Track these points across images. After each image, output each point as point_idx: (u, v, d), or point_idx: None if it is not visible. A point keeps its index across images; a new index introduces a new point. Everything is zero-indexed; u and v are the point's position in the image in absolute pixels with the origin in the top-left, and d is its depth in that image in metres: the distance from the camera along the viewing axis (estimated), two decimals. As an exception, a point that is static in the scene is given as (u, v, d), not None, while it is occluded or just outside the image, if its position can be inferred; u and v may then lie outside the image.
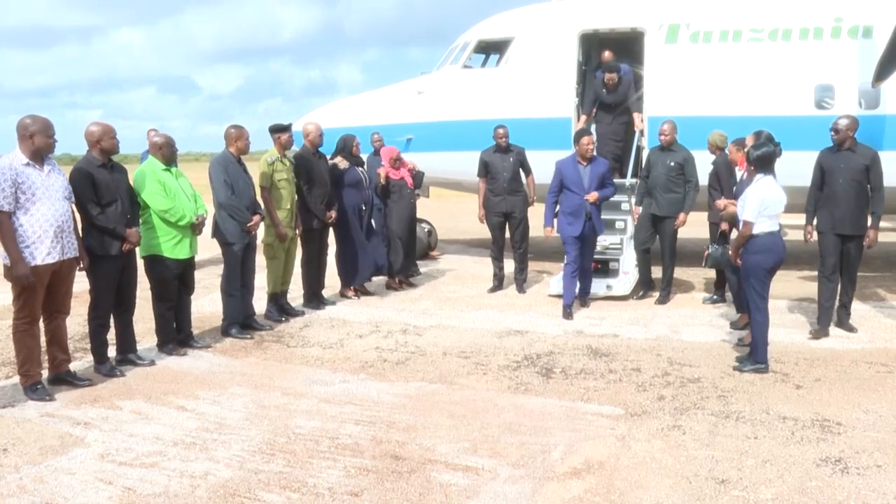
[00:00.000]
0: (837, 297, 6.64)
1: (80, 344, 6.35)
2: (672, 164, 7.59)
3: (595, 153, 7.60)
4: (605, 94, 9.21)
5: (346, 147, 8.13)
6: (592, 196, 7.39)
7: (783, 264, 5.58)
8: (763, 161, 5.43)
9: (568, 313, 7.38)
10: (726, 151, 7.22)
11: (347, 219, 8.01)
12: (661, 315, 7.43)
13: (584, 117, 9.27)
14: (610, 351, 6.21)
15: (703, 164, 7.61)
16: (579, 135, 7.64)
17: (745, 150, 5.84)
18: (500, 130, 8.43)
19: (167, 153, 6.06)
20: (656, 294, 8.02)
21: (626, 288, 8.17)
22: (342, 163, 8.03)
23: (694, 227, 8.70)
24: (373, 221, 8.32)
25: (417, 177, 9.00)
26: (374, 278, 8.57)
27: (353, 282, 8.32)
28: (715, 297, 7.92)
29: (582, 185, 7.41)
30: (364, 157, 8.62)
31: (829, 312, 6.57)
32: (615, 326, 7.02)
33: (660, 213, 7.69)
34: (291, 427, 4.59)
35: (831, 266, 6.50)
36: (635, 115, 9.24)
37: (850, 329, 6.61)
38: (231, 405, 5.00)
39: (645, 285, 8.16)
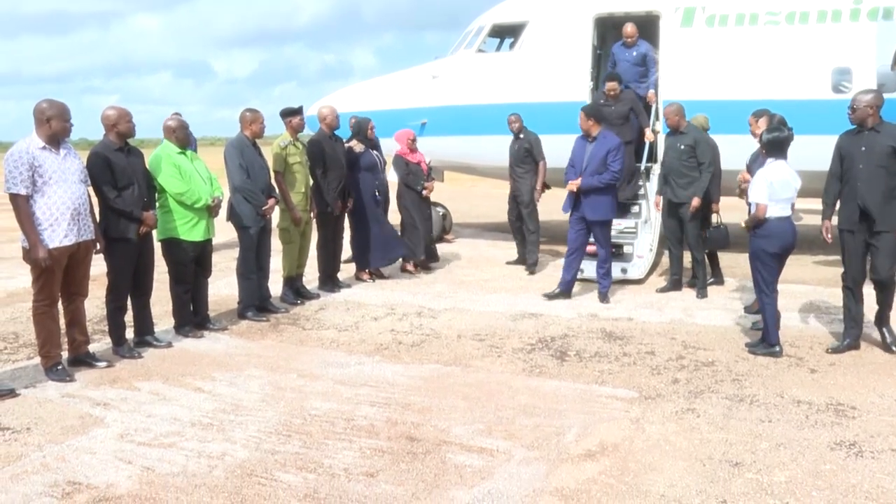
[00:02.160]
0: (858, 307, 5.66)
1: (98, 326, 6.38)
2: (682, 147, 7.38)
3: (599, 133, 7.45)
4: (602, 104, 8.44)
5: (361, 130, 8.13)
6: (573, 185, 7.11)
7: (797, 248, 5.52)
8: (774, 145, 5.36)
9: (553, 295, 7.27)
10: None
11: (363, 202, 8.01)
12: (675, 299, 7.40)
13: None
14: (624, 334, 6.19)
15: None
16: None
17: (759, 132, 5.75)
18: (511, 117, 8.72)
19: (181, 136, 6.06)
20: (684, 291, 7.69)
21: (641, 272, 8.13)
22: (357, 146, 8.02)
23: (726, 212, 8.36)
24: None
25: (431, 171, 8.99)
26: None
27: (369, 265, 8.32)
28: (712, 279, 7.84)
29: (581, 163, 7.19)
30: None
31: (858, 326, 5.64)
32: (629, 310, 6.99)
33: (676, 200, 7.44)
34: (307, 408, 4.60)
35: (855, 272, 5.51)
36: (647, 130, 8.75)
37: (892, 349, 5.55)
38: (247, 387, 5.02)
39: (673, 284, 7.64)
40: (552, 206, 8.63)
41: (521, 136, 8.64)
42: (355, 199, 7.95)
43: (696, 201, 7.33)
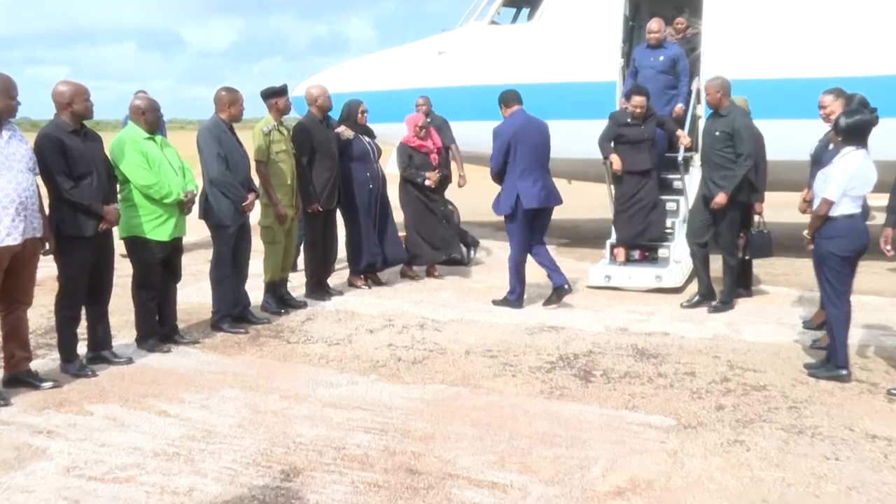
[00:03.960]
0: None
1: (43, 339, 6.34)
2: (718, 133, 7.14)
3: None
4: (628, 123, 8.16)
5: (351, 115, 8.12)
6: None
7: (869, 253, 5.42)
8: (854, 131, 5.23)
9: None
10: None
11: (356, 197, 8.00)
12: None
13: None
14: (659, 351, 6.15)
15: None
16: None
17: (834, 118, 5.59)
18: (419, 100, 9.02)
19: (151, 119, 6.01)
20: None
21: (679, 279, 8.08)
22: (346, 132, 8.00)
23: (774, 209, 8.24)
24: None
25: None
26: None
27: (364, 269, 8.30)
28: (743, 291, 7.74)
29: None
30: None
31: None
32: (665, 323, 6.95)
33: (710, 195, 7.24)
34: (291, 435, 4.57)
35: None
36: (680, 133, 8.44)
37: None
38: (221, 410, 4.98)
39: (705, 294, 7.47)
40: (575, 202, 8.53)
41: (429, 120, 8.71)
42: (346, 192, 7.95)
43: (720, 197, 7.09)
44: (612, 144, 8.22)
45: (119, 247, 5.93)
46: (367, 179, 8.05)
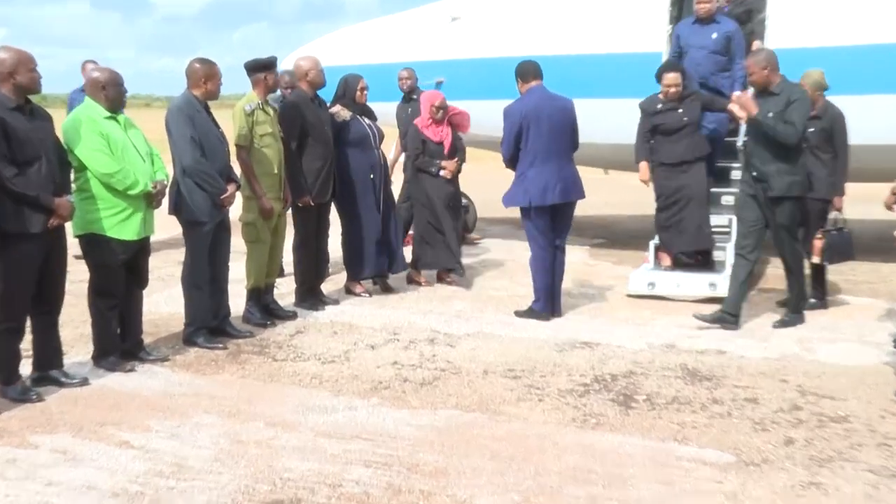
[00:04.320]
0: None
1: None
2: (771, 115, 6.99)
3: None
4: (659, 109, 8.17)
5: (349, 92, 8.10)
6: None
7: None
8: None
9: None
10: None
11: (354, 188, 8.01)
12: (784, 323, 7.34)
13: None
14: (714, 373, 6.13)
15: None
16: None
17: None
18: (403, 73, 9.60)
19: (113, 95, 5.99)
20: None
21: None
22: (342, 112, 8.01)
23: (858, 203, 8.23)
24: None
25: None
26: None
27: (364, 273, 8.32)
28: (813, 299, 7.68)
29: None
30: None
31: None
32: (720, 339, 6.92)
33: (761, 193, 7.06)
34: (278, 470, 4.56)
35: None
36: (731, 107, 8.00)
37: None
38: (195, 440, 4.97)
39: (730, 314, 7.23)
40: (612, 196, 8.49)
41: (415, 97, 8.81)
42: (344, 183, 7.96)
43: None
44: (651, 141, 8.22)
45: (73, 246, 5.91)
46: (368, 168, 8.06)
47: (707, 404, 5.50)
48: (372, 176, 8.08)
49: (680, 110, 8.08)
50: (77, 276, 6.07)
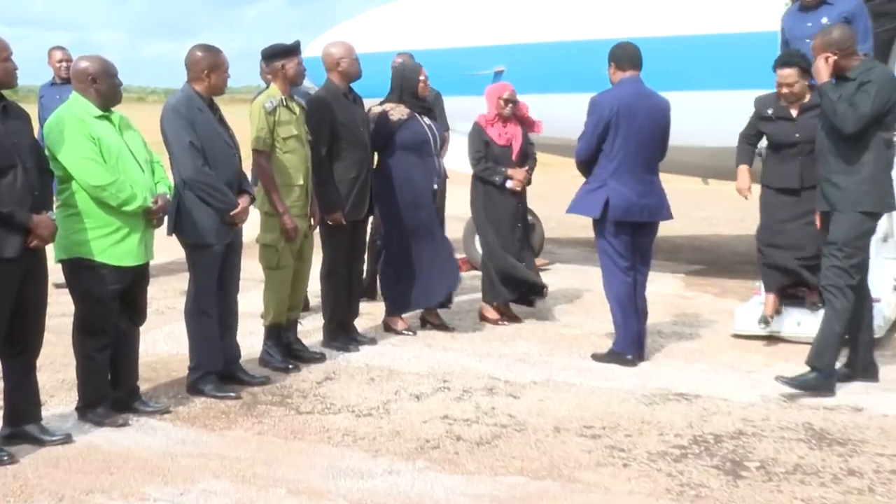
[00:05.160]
0: None
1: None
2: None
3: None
4: (769, 116, 8.00)
5: (407, 84, 8.15)
6: None
7: None
8: None
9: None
10: None
11: (403, 200, 8.05)
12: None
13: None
14: (848, 436, 6.00)
15: None
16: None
17: None
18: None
19: (105, 89, 6.01)
20: None
21: (878, 324, 7.77)
22: (397, 110, 8.04)
23: None
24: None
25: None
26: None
27: (408, 307, 8.34)
28: None
29: None
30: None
31: None
32: (855, 392, 6.80)
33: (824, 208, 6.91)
34: None
35: None
36: None
37: None
38: (203, 510, 5.01)
39: (862, 366, 7.09)
40: (713, 211, 8.36)
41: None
42: (388, 196, 8.00)
43: None
44: (761, 148, 8.09)
45: (54, 272, 5.94)
46: (424, 178, 8.10)
47: (841, 476, 5.37)
48: (433, 188, 8.14)
49: (795, 122, 7.83)
50: (59, 308, 6.10)
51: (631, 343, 7.46)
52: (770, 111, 7.90)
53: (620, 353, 7.43)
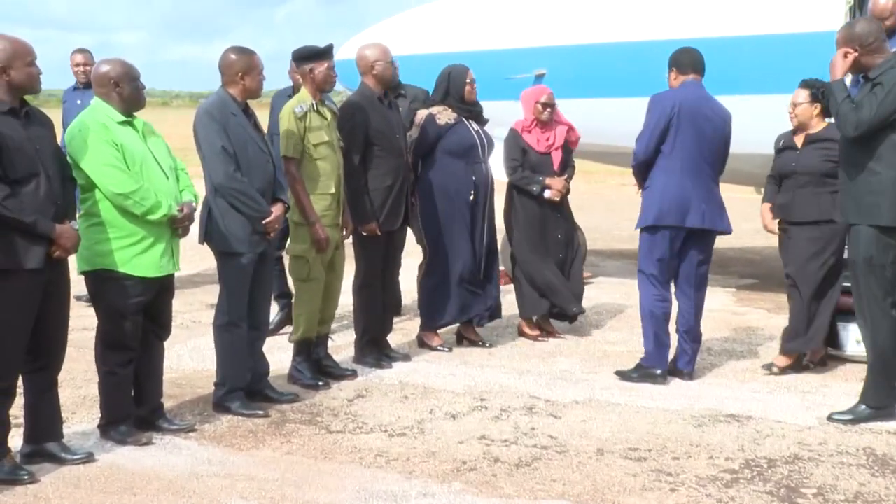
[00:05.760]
0: None
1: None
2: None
3: None
4: (780, 146, 7.83)
5: (454, 88, 8.14)
6: None
7: None
8: None
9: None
10: None
11: (445, 209, 8.06)
12: None
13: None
14: None
15: None
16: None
17: None
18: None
19: (128, 93, 6.00)
20: None
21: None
22: (444, 115, 8.03)
23: None
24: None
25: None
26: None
27: (442, 320, 8.32)
28: None
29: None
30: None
31: None
32: None
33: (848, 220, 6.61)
34: None
35: None
36: None
37: None
38: (227, 534, 4.99)
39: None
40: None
41: (404, 93, 8.82)
42: (430, 203, 8.04)
43: None
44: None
45: (77, 284, 5.93)
46: (470, 185, 8.07)
47: (905, 505, 5.35)
48: (473, 195, 8.09)
49: (797, 151, 7.63)
50: (80, 322, 6.05)
51: (659, 354, 7.37)
52: (781, 142, 7.82)
53: (649, 369, 7.35)
